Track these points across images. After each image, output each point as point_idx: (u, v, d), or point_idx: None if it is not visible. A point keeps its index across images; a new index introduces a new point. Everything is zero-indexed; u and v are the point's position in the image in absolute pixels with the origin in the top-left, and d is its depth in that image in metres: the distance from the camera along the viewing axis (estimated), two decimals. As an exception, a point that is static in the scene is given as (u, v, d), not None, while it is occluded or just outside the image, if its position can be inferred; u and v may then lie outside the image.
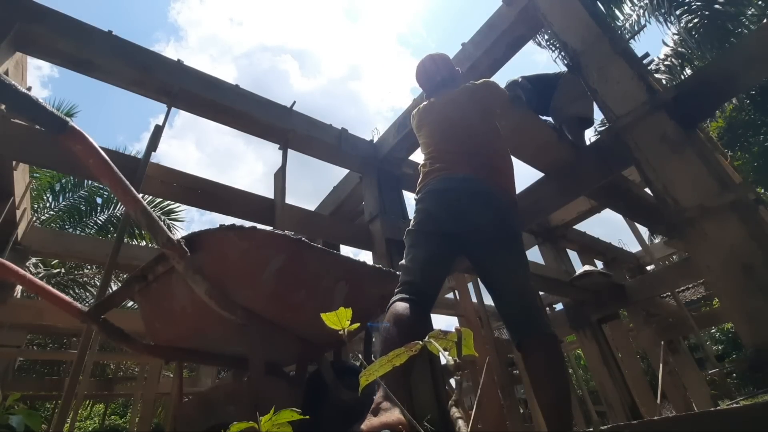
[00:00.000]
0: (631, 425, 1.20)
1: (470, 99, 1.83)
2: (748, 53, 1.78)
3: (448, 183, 1.64)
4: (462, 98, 1.85)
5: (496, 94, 1.89)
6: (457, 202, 1.59)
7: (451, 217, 1.58)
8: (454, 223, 1.57)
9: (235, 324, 1.15)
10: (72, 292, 7.63)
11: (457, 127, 1.77)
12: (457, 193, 1.61)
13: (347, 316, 0.53)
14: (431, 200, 1.65)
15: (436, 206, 1.63)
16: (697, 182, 1.57)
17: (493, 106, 1.87)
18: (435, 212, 1.62)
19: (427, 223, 1.61)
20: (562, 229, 4.82)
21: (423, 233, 1.59)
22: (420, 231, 1.60)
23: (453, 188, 1.62)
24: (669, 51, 7.20)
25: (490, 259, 1.52)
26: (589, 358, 4.62)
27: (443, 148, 1.76)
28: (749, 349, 1.37)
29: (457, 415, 0.54)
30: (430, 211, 1.63)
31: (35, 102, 0.80)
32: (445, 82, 2.01)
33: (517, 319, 1.41)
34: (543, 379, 1.28)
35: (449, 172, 1.66)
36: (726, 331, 13.77)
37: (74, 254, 4.15)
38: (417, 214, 1.68)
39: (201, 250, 1.10)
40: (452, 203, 1.60)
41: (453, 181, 1.63)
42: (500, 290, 1.48)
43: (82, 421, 11.67)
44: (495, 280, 1.50)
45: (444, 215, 1.59)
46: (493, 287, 1.50)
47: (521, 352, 1.36)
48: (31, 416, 0.71)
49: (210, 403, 1.32)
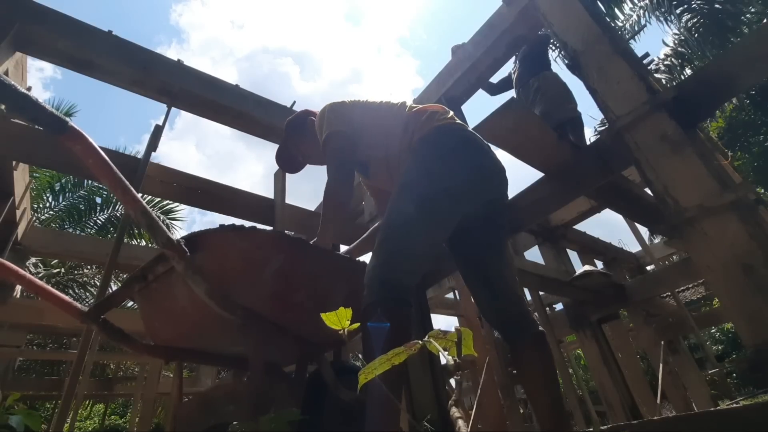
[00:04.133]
0: (631, 425, 1.21)
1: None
2: (748, 53, 1.78)
3: (480, 140, 1.32)
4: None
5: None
6: (495, 170, 1.30)
7: (488, 188, 1.29)
8: (485, 196, 1.28)
9: (235, 324, 1.15)
10: (72, 292, 7.63)
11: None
12: (491, 156, 1.30)
13: (347, 316, 0.53)
14: (476, 155, 1.27)
15: (480, 169, 1.27)
16: (697, 182, 1.57)
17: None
18: (480, 176, 1.27)
19: (467, 190, 1.22)
20: (562, 229, 4.82)
21: (456, 203, 1.19)
22: (454, 200, 1.18)
23: (488, 149, 1.32)
24: (669, 51, 7.21)
25: (493, 248, 1.34)
26: (589, 358, 4.62)
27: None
28: (749, 349, 1.37)
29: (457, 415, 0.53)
30: (474, 174, 1.23)
31: (35, 102, 0.80)
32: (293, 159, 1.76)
33: (514, 317, 1.29)
34: (544, 377, 1.22)
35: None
36: (726, 331, 13.77)
37: (74, 254, 4.15)
38: (449, 169, 1.19)
39: (201, 250, 1.10)
40: (492, 169, 1.29)
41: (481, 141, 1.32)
42: (499, 285, 1.30)
43: (82, 421, 11.67)
44: (494, 273, 1.32)
45: (486, 185, 1.28)
46: (490, 282, 1.31)
47: (518, 350, 1.27)
48: (30, 416, 0.71)
49: (210, 403, 1.32)
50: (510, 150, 2.81)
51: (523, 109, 2.66)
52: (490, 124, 2.51)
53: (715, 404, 4.76)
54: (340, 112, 1.48)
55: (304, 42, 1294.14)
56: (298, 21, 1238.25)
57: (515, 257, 3.84)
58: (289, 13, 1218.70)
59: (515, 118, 2.54)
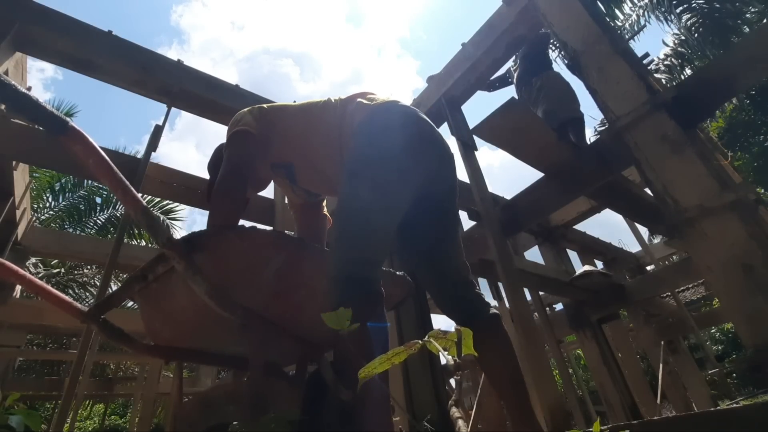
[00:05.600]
0: (631, 425, 1.21)
1: None
2: (748, 53, 1.78)
3: (417, 113, 1.28)
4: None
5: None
6: (436, 144, 1.25)
7: (432, 157, 1.23)
8: (433, 174, 1.24)
9: (235, 324, 1.15)
10: (72, 292, 7.63)
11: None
12: (433, 131, 1.26)
13: (347, 316, 0.53)
14: (415, 126, 1.23)
15: (422, 142, 1.22)
16: (697, 182, 1.57)
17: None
18: (422, 143, 1.22)
19: (412, 160, 1.16)
20: (562, 229, 4.82)
21: (404, 176, 1.14)
22: (402, 173, 1.13)
23: (428, 123, 1.27)
24: (669, 51, 7.22)
25: (444, 228, 1.31)
26: (589, 358, 4.62)
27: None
28: (749, 349, 1.37)
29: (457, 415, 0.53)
30: (416, 142, 1.19)
31: (35, 102, 0.80)
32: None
33: (468, 299, 1.26)
34: (506, 355, 1.20)
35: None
36: (726, 331, 13.77)
37: (74, 254, 4.15)
38: (391, 144, 1.14)
39: (201, 250, 1.10)
40: (435, 144, 1.25)
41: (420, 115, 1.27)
42: (449, 267, 1.27)
43: (82, 421, 11.67)
44: (444, 254, 1.28)
45: (431, 160, 1.23)
46: (440, 268, 1.28)
47: (478, 333, 1.25)
48: (30, 416, 0.71)
49: (210, 403, 1.32)
50: (510, 150, 2.82)
51: (523, 109, 2.66)
52: (490, 124, 2.51)
53: (715, 404, 4.76)
54: (247, 114, 1.41)
55: (304, 43, 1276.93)
56: (299, 22, 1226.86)
57: (515, 257, 3.83)
58: (289, 15, 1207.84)
59: (515, 118, 2.54)
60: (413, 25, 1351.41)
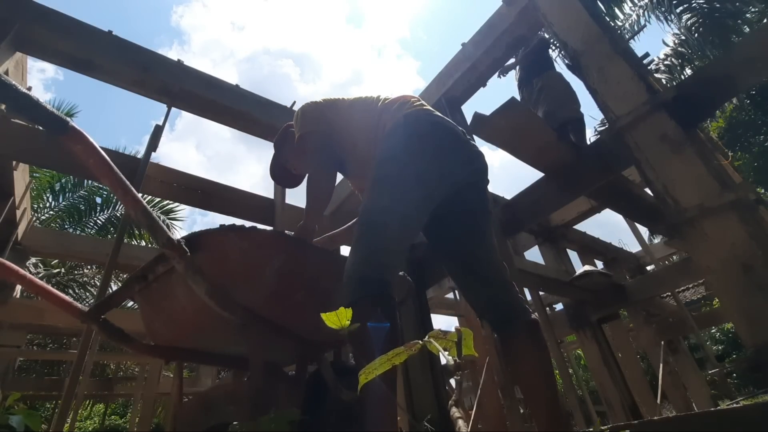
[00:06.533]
0: (631, 425, 1.20)
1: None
2: (748, 53, 1.78)
3: (449, 122, 1.30)
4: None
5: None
6: (466, 150, 1.26)
7: (458, 169, 1.24)
8: (457, 177, 1.24)
9: (235, 324, 1.15)
10: (72, 292, 7.63)
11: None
12: (458, 139, 1.27)
13: (347, 316, 0.53)
14: (444, 137, 1.24)
15: (449, 149, 1.23)
16: (697, 182, 1.57)
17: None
18: (449, 156, 1.22)
19: (437, 172, 1.17)
20: (562, 229, 4.82)
21: (428, 187, 1.15)
22: (426, 184, 1.15)
23: (457, 131, 1.28)
24: (669, 51, 7.21)
25: (475, 234, 1.29)
26: (589, 358, 4.62)
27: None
28: (749, 349, 1.37)
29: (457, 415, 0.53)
30: (443, 155, 1.20)
31: (36, 102, 0.80)
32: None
33: (504, 302, 1.22)
34: (539, 368, 1.14)
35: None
36: (726, 331, 13.77)
37: (74, 254, 4.15)
38: (417, 154, 1.16)
39: (201, 250, 1.10)
40: (462, 149, 1.26)
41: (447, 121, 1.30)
42: (484, 271, 1.25)
43: (82, 421, 11.67)
44: (478, 260, 1.27)
45: (456, 166, 1.23)
46: (474, 269, 1.26)
47: (510, 340, 1.20)
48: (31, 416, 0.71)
49: (210, 403, 1.32)
50: (510, 150, 2.81)
51: (523, 109, 2.66)
52: (491, 124, 2.51)
53: (715, 404, 4.76)
54: (310, 112, 1.47)
55: (305, 44, 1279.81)
56: (300, 23, 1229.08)
57: (515, 257, 3.83)
58: (290, 16, 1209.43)
59: (515, 118, 2.54)
60: (413, 25, 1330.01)
